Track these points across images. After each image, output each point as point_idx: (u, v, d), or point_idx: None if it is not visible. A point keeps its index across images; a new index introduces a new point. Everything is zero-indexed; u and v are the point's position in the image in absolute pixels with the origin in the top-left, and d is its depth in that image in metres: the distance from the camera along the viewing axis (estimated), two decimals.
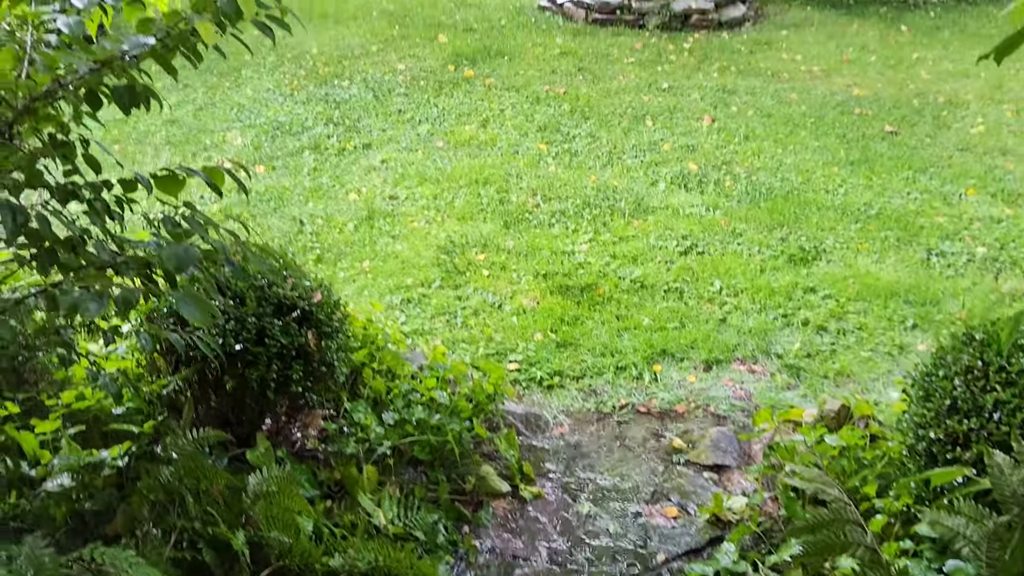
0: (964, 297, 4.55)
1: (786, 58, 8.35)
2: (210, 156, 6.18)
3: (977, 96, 7.38)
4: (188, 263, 2.09)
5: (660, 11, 9.18)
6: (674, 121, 6.81)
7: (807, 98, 7.27)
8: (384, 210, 5.48)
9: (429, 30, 9.09)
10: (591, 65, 8.13)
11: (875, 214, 5.41)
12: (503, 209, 5.49)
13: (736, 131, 6.59)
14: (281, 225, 5.26)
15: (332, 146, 6.39)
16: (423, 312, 4.41)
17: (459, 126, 6.75)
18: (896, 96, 7.37)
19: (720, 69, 8.00)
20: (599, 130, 6.66)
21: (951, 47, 8.73)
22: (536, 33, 9.06)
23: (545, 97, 7.29)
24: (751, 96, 7.30)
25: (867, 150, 6.31)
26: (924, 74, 7.93)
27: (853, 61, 8.27)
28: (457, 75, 7.83)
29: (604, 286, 4.60)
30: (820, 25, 9.36)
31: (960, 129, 6.75)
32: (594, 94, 7.35)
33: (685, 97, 7.29)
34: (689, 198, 5.61)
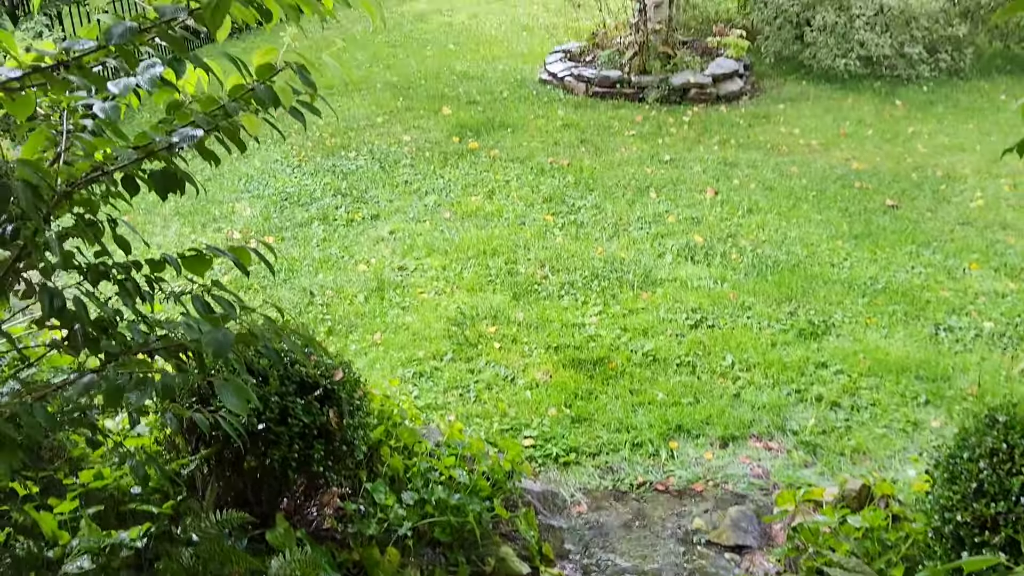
0: (975, 373, 4.57)
1: (784, 131, 8.50)
2: (219, 227, 6.22)
3: (974, 170, 7.50)
4: (227, 349, 2.09)
5: (659, 85, 9.36)
6: (678, 193, 6.90)
7: (808, 171, 7.38)
8: (394, 281, 5.50)
9: (433, 102, 9.24)
10: (593, 137, 8.26)
11: (881, 288, 5.45)
12: (512, 280, 5.51)
13: (739, 204, 6.67)
14: (291, 296, 5.27)
15: (340, 217, 6.44)
16: (436, 386, 4.39)
17: (465, 197, 6.83)
18: (895, 170, 7.49)
19: (720, 142, 8.14)
20: (604, 202, 6.74)
21: (945, 121, 8.91)
22: (538, 105, 9.22)
23: (549, 169, 7.39)
24: (752, 169, 7.41)
25: (870, 224, 6.39)
26: (921, 148, 8.08)
27: (850, 135, 8.43)
28: (462, 147, 7.94)
29: (616, 359, 4.60)
30: (816, 99, 9.55)
31: (960, 203, 6.85)
32: (597, 166, 7.46)
33: (687, 169, 7.39)
34: (696, 270, 5.65)
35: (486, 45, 11.81)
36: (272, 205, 6.63)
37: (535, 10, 13.91)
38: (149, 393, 1.90)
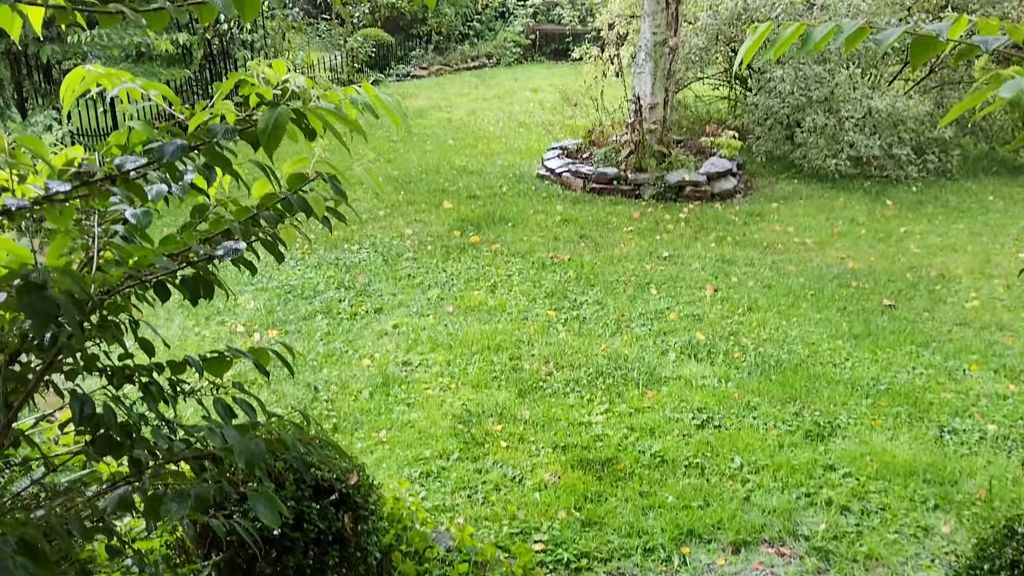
0: (983, 477, 4.56)
1: (779, 230, 8.65)
2: (223, 320, 6.22)
3: (968, 270, 7.63)
4: (260, 459, 2.09)
5: (655, 182, 9.56)
6: (677, 290, 6.97)
7: (805, 270, 7.49)
8: (398, 377, 5.49)
9: (434, 196, 9.39)
10: (592, 233, 8.38)
11: (884, 389, 5.47)
12: (517, 377, 5.51)
13: (739, 301, 6.74)
14: (296, 392, 5.24)
15: (344, 310, 6.47)
16: (443, 486, 4.34)
17: (468, 291, 6.88)
18: (890, 270, 7.61)
19: (717, 239, 8.27)
20: (605, 297, 6.80)
21: (936, 221, 9.10)
22: (537, 200, 9.38)
23: (550, 264, 7.47)
24: (750, 267, 7.51)
25: (869, 323, 6.45)
26: (914, 248, 8.23)
27: (844, 234, 8.58)
28: (463, 241, 8.04)
29: (624, 460, 4.58)
30: (808, 198, 9.75)
31: (956, 303, 6.94)
32: (598, 261, 7.55)
33: (686, 266, 7.49)
34: (700, 369, 5.67)
35: (484, 141, 12.07)
36: (276, 298, 6.66)
37: (531, 107, 14.27)
38: (188, 505, 1.89)
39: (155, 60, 11.85)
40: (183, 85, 11.70)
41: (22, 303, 1.96)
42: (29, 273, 2.00)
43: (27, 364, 2.27)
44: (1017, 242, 8.50)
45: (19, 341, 2.18)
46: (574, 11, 19.21)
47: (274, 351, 2.55)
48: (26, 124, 8.07)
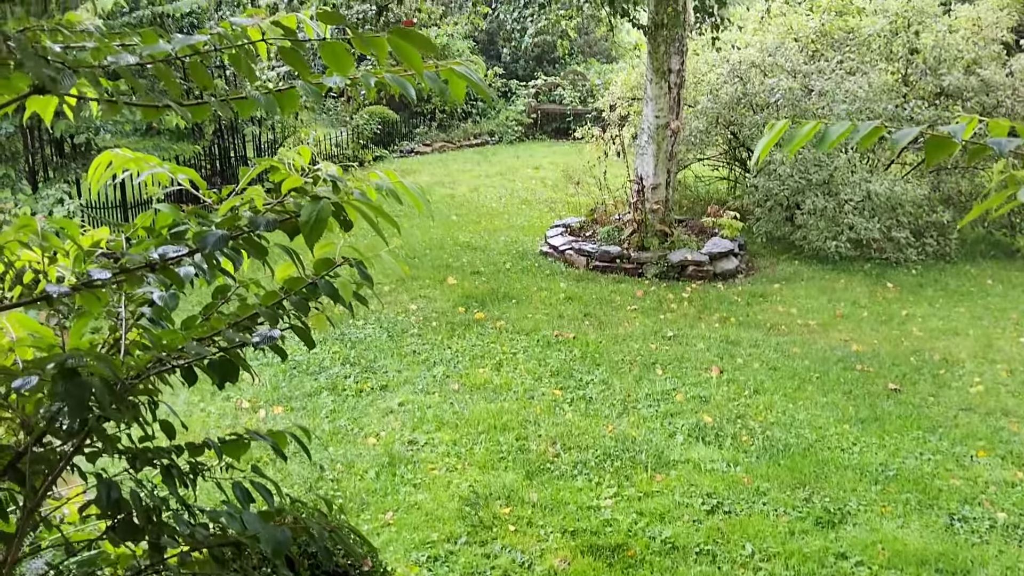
0: (995, 567, 4.50)
1: (782, 311, 8.70)
2: (228, 395, 6.20)
3: (970, 355, 7.65)
4: (285, 546, 2.08)
5: (658, 261, 9.65)
6: (683, 370, 6.98)
7: (809, 352, 7.51)
8: (404, 456, 5.45)
9: (438, 272, 9.46)
10: (596, 311, 8.42)
11: (893, 475, 5.44)
12: (524, 458, 5.48)
13: (745, 383, 6.74)
14: (301, 471, 5.20)
15: (350, 387, 6.45)
16: (451, 571, 4.28)
17: (473, 369, 6.87)
18: (893, 353, 7.63)
19: (721, 319, 8.31)
20: (611, 377, 6.80)
21: (937, 304, 9.16)
22: (540, 278, 9.44)
23: (555, 342, 7.49)
24: (755, 348, 7.53)
25: (875, 408, 6.45)
26: (916, 331, 8.27)
27: (847, 316, 8.63)
28: (468, 317, 8.07)
29: (635, 547, 4.52)
30: (810, 280, 9.83)
31: (960, 388, 6.95)
32: (603, 340, 7.57)
33: (691, 347, 7.51)
34: (708, 452, 5.64)
35: (487, 217, 12.21)
36: (281, 374, 6.64)
37: (533, 185, 14.47)
38: None
39: (163, 135, 12.03)
40: (192, 160, 11.86)
41: (58, 388, 1.97)
42: (65, 358, 2.01)
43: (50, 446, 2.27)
44: (1018, 326, 8.55)
45: (46, 424, 2.18)
46: (575, 92, 19.64)
47: (292, 434, 2.56)
48: (37, 197, 8.17)
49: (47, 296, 2.06)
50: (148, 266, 2.13)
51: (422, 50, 1.91)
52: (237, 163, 13.18)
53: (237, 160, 13.32)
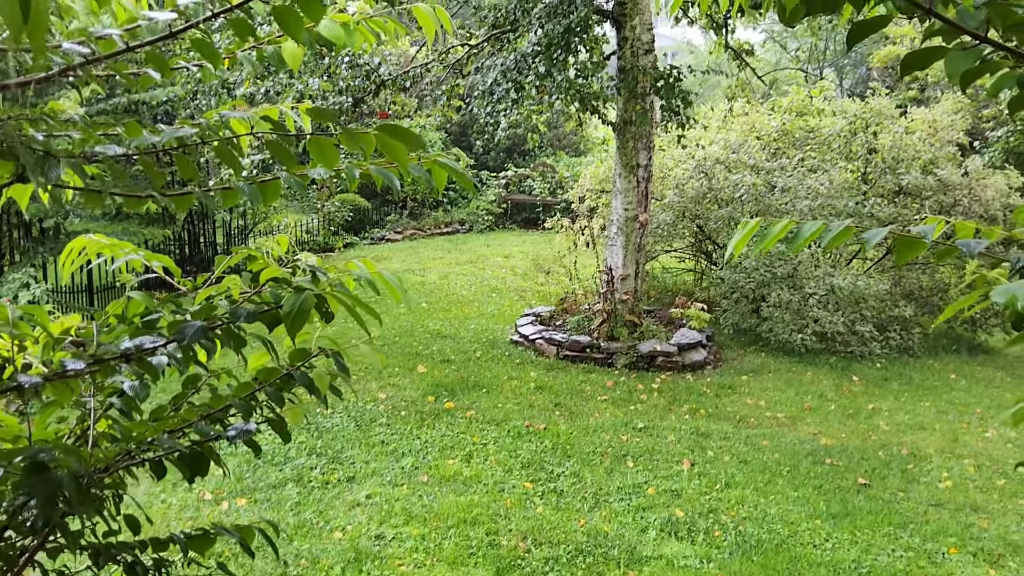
0: None
1: (750, 403, 8.73)
2: (190, 488, 6.03)
3: (937, 450, 7.70)
4: None
5: (627, 352, 9.68)
6: (654, 463, 6.93)
7: (779, 446, 7.51)
8: (371, 551, 5.30)
9: (407, 359, 9.40)
10: (567, 401, 8.39)
11: (866, 573, 5.39)
12: (494, 553, 5.35)
13: (716, 477, 6.70)
14: (264, 566, 5.03)
15: (316, 478, 6.31)
16: None
17: (443, 460, 6.77)
18: (862, 447, 7.66)
19: (691, 411, 8.31)
20: (582, 469, 6.72)
21: (902, 399, 9.26)
22: (511, 366, 9.41)
23: (526, 432, 7.42)
24: (725, 441, 7.52)
25: (845, 503, 6.43)
26: (883, 425, 8.32)
27: (814, 409, 8.67)
28: (437, 406, 7.99)
29: None
30: (776, 372, 9.90)
31: (929, 483, 6.96)
32: (573, 431, 7.51)
33: (662, 439, 7.48)
34: (681, 548, 5.56)
35: (458, 305, 12.23)
36: (245, 464, 6.49)
37: (503, 273, 14.57)
38: None
39: (132, 219, 12.00)
40: (161, 245, 11.81)
41: (28, 483, 1.92)
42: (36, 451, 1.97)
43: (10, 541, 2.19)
44: (982, 421, 8.65)
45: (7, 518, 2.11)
46: (544, 183, 19.99)
47: (259, 529, 2.50)
48: (2, 281, 8.05)
49: (18, 386, 2.01)
50: (123, 357, 2.10)
51: (410, 146, 1.94)
52: (207, 248, 13.14)
53: (207, 245, 13.28)
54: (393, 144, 1.95)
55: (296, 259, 2.65)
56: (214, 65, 2.13)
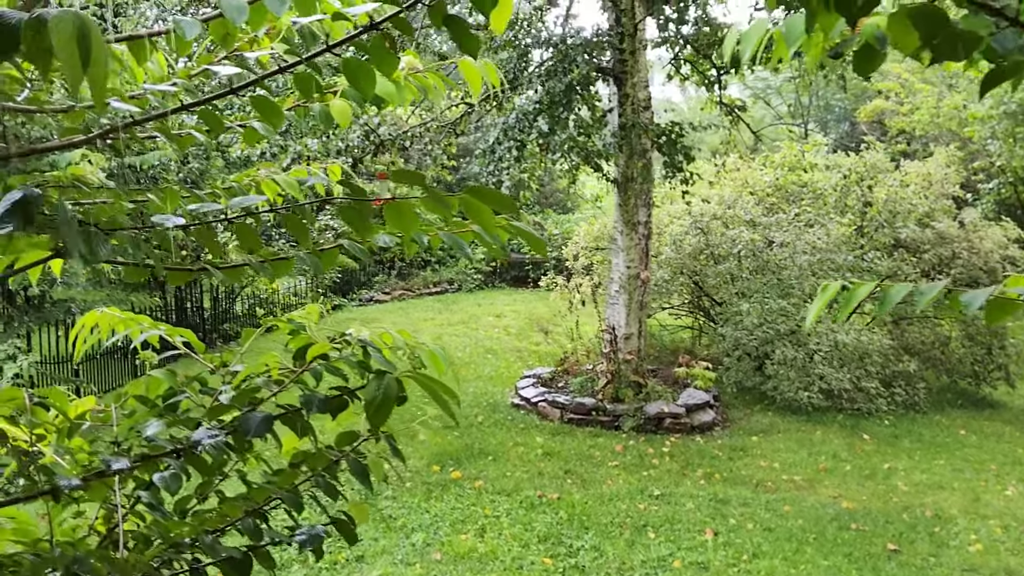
0: None
1: (765, 465, 8.47)
2: None
3: (961, 511, 7.45)
4: None
5: (634, 414, 9.42)
6: (676, 533, 6.62)
7: (801, 511, 7.23)
8: None
9: (407, 426, 9.06)
10: (577, 468, 8.09)
11: None
12: None
13: (742, 547, 6.40)
14: None
15: (323, 558, 5.95)
16: None
17: (455, 535, 6.43)
18: (884, 510, 7.40)
19: (705, 476, 8.03)
20: (603, 542, 6.41)
21: (916, 457, 9.03)
22: (515, 432, 9.11)
23: (539, 503, 7.10)
24: (745, 507, 7.23)
25: (878, 571, 6.15)
26: (902, 486, 8.07)
27: (830, 470, 8.42)
28: (444, 476, 7.66)
29: None
30: (786, 432, 9.66)
31: (958, 547, 6.70)
32: (588, 500, 7.20)
33: (680, 506, 7.18)
34: None
35: (453, 367, 11.93)
36: None
37: (497, 333, 14.32)
38: None
39: (117, 285, 11.66)
40: (149, 311, 11.47)
41: None
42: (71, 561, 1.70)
43: None
44: (1000, 478, 8.43)
45: None
46: None
47: None
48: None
49: (55, 489, 1.75)
50: (174, 453, 1.84)
51: (502, 209, 1.72)
52: (195, 313, 12.80)
53: (195, 310, 12.94)
54: (479, 207, 1.73)
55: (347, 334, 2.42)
56: (275, 125, 1.91)
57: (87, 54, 1.36)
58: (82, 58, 1.36)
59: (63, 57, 1.35)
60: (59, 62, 1.38)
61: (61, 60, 1.37)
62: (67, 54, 1.35)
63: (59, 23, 1.36)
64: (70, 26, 1.36)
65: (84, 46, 1.36)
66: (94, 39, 1.37)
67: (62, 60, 1.36)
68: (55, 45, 1.36)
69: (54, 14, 1.38)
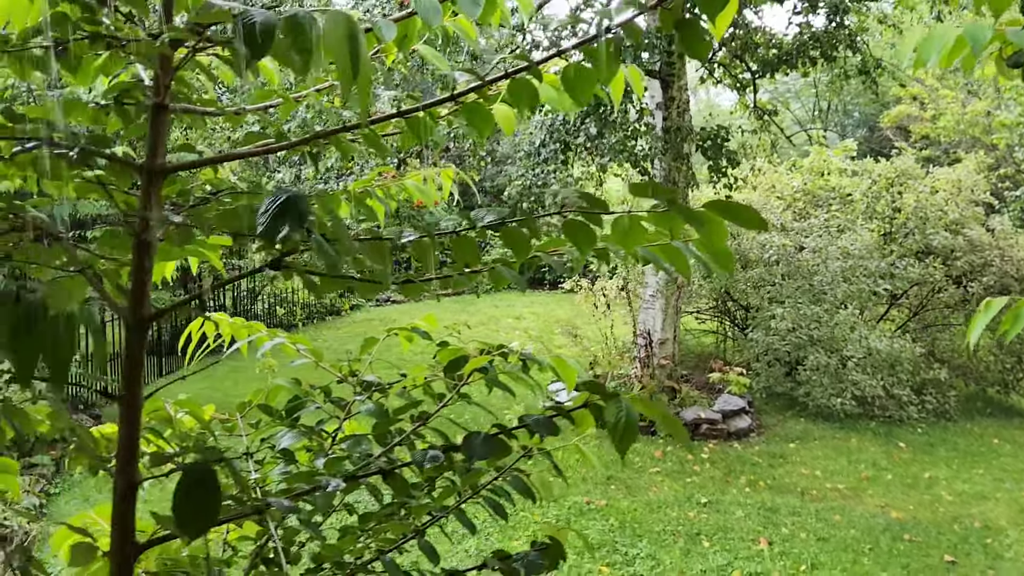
0: None
1: (806, 473, 8.40)
2: None
3: (1010, 522, 7.40)
4: None
5: None
6: (730, 542, 6.55)
7: (851, 521, 7.16)
8: None
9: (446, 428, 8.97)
10: (618, 473, 8.01)
11: None
12: None
13: (800, 557, 6.33)
14: None
15: None
16: None
17: (507, 541, 6.35)
18: (934, 520, 7.33)
19: (749, 483, 7.96)
20: (657, 551, 6.33)
21: (954, 466, 8.97)
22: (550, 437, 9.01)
23: (587, 509, 7.03)
24: (796, 516, 7.16)
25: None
26: (946, 496, 8.01)
27: (872, 479, 8.36)
28: None
29: None
30: (822, 439, 9.59)
31: (1014, 559, 6.64)
32: (636, 507, 7.13)
33: (730, 515, 7.11)
34: None
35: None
36: None
37: (517, 336, 14.22)
38: None
39: None
40: None
41: None
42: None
43: None
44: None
45: None
46: None
47: None
48: None
49: (265, 506, 1.67)
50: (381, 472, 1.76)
51: (746, 224, 1.63)
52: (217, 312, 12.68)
53: (215, 309, 12.83)
54: (718, 223, 1.64)
55: (508, 346, 2.35)
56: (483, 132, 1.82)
57: (356, 56, 1.29)
58: (352, 59, 1.28)
59: (336, 58, 1.28)
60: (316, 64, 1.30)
61: (335, 61, 1.29)
62: (340, 55, 1.28)
63: (334, 23, 1.28)
64: (343, 27, 1.28)
65: (354, 47, 1.28)
66: (361, 40, 1.30)
67: (336, 61, 1.28)
68: (331, 45, 1.28)
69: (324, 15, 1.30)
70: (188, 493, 1.44)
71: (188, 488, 1.46)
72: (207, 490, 1.46)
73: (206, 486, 1.47)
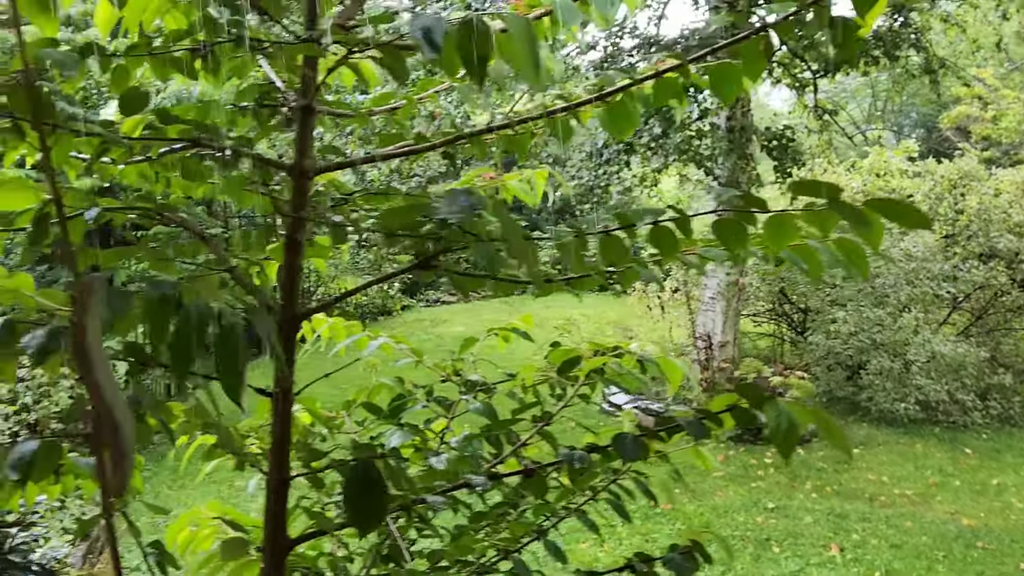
0: None
1: (873, 479, 8.27)
2: None
3: None
4: None
5: None
6: (801, 548, 6.47)
7: (923, 527, 7.03)
8: None
9: None
10: (683, 476, 7.93)
11: None
12: None
13: (873, 564, 6.24)
14: None
15: None
16: None
17: (574, 544, 6.33)
18: (1006, 528, 7.17)
19: (816, 488, 7.86)
20: (727, 557, 6.26)
21: (1022, 472, 8.76)
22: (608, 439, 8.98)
23: (653, 513, 6.98)
24: (866, 522, 7.05)
25: None
26: (1017, 503, 7.83)
27: (941, 485, 8.20)
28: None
29: None
30: (886, 444, 9.44)
31: None
32: (703, 511, 7.08)
33: (798, 520, 7.02)
34: None
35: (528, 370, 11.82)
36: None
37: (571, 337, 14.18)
38: None
39: None
40: None
41: None
42: None
43: None
44: None
45: None
46: None
47: None
48: None
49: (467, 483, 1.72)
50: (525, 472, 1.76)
51: (910, 224, 1.59)
52: None
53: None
54: (878, 223, 1.61)
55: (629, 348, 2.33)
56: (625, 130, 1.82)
57: (536, 58, 1.30)
58: (532, 62, 1.30)
59: (520, 62, 1.29)
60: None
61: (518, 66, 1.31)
62: (523, 58, 1.29)
63: (518, 29, 1.29)
64: (525, 31, 1.30)
65: (533, 50, 1.30)
66: (538, 44, 1.31)
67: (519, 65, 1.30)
68: (512, 49, 1.31)
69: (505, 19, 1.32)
70: (359, 490, 1.46)
71: (357, 485, 1.48)
72: (375, 486, 1.48)
73: (374, 483, 1.48)
